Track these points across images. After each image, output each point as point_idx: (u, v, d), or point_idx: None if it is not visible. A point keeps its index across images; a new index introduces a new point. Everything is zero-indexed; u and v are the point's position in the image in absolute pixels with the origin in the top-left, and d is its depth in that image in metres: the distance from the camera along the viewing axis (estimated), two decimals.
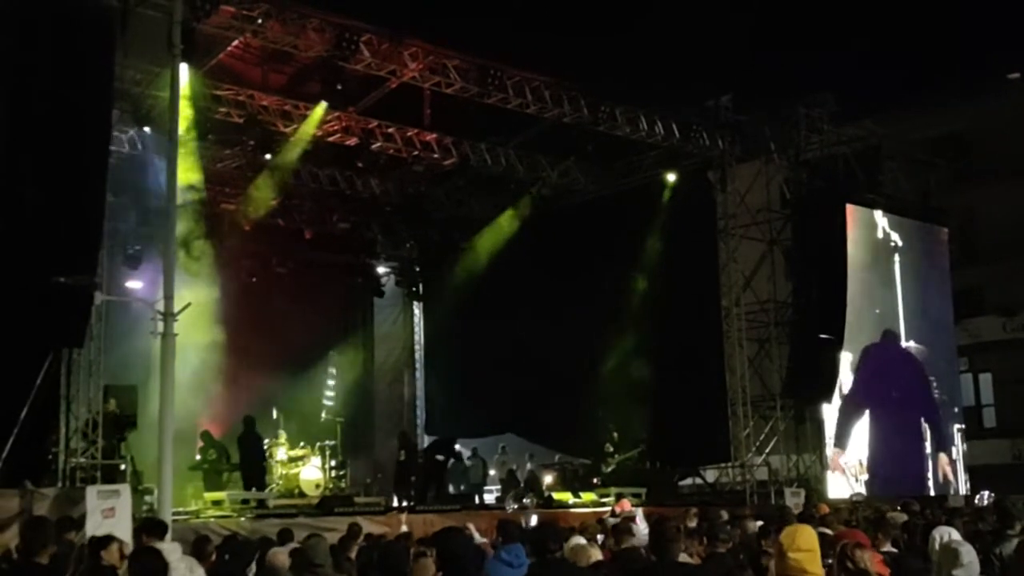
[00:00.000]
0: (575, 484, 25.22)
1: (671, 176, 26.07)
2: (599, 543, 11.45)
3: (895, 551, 11.02)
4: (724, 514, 14.44)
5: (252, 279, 27.35)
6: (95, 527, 13.53)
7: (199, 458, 23.00)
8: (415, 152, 25.13)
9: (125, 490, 15.27)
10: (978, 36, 37.14)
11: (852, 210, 25.66)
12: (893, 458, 26.04)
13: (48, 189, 15.26)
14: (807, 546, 7.79)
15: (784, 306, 25.01)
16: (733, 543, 11.09)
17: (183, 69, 17.59)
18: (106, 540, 9.92)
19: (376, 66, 21.25)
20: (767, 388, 24.94)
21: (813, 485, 24.26)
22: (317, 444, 23.62)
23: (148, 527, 10.86)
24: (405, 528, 16.02)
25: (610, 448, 25.01)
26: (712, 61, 33.59)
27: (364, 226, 29.66)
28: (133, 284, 23.32)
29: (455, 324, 30.23)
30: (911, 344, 27.22)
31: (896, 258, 27.26)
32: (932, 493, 25.84)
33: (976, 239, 33.68)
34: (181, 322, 15.78)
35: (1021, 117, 32.49)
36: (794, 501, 21.82)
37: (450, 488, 25.17)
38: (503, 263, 27.97)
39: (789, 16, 38.35)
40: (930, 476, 26.85)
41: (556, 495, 24.22)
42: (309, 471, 22.74)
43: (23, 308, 15.09)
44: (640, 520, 14.17)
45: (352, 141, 24.32)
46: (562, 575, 8.83)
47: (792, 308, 24.86)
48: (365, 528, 14.75)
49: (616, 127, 23.85)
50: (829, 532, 11.47)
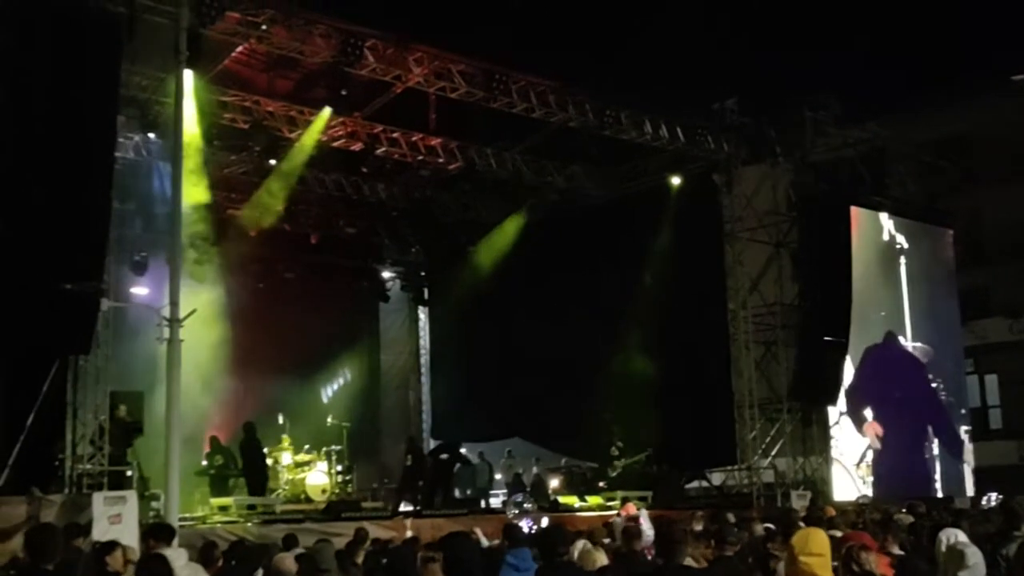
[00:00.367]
0: (581, 488, 25.23)
1: (676, 179, 26.05)
2: (605, 547, 11.46)
3: (903, 553, 10.99)
4: (732, 517, 14.43)
5: (259, 284, 27.38)
6: (102, 533, 13.56)
7: (205, 464, 23.04)
8: (421, 157, 25.16)
9: (132, 496, 15.32)
10: (983, 38, 37.10)
11: (858, 212, 25.67)
12: (898, 460, 26.03)
13: (54, 195, 15.27)
14: (819, 550, 7.76)
15: (790, 308, 24.96)
16: (740, 546, 11.08)
17: (189, 75, 17.66)
18: (111, 546, 9.95)
19: (381, 71, 21.28)
20: (774, 391, 24.89)
21: (819, 487, 24.24)
22: (323, 449, 23.67)
23: (156, 532, 10.88)
24: (411, 533, 16.03)
25: (616, 452, 24.98)
26: (717, 64, 33.58)
27: (370, 231, 29.69)
28: (139, 290, 23.36)
29: (461, 328, 30.25)
30: (917, 345, 27.22)
31: (902, 260, 27.26)
32: (940, 495, 25.83)
33: (982, 241, 33.65)
34: (187, 328, 15.84)
35: None
36: (800, 503, 21.80)
37: (456, 492, 25.16)
38: (509, 267, 27.98)
39: (794, 19, 38.32)
40: (937, 478, 26.86)
41: (562, 499, 24.27)
42: (315, 476, 22.79)
43: (29, 315, 15.09)
44: (644, 522, 14.16)
45: (358, 146, 24.35)
46: None
47: (798, 311, 24.82)
48: (372, 533, 14.74)
49: (621, 131, 23.84)
50: (836, 534, 11.47)
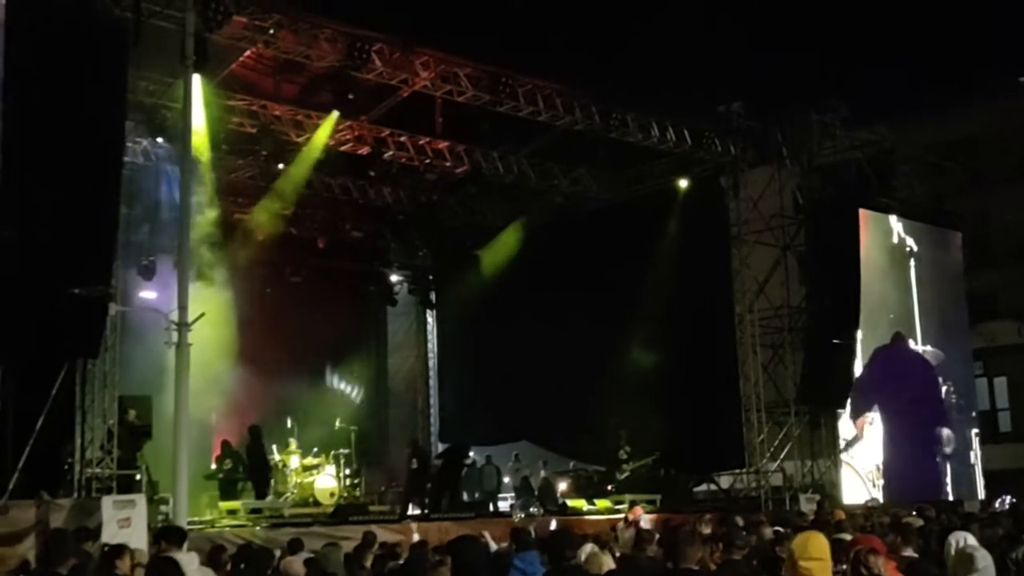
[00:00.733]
0: (589, 491, 25.24)
1: (683, 182, 26.05)
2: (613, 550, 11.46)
3: (916, 556, 10.93)
4: (740, 520, 14.41)
5: (266, 289, 27.42)
6: (111, 537, 13.58)
7: (214, 467, 23.06)
8: (427, 160, 25.18)
9: (140, 500, 15.33)
10: (990, 39, 36.95)
11: (865, 215, 25.65)
12: (908, 463, 25.98)
13: (62, 200, 15.27)
14: (818, 554, 7.76)
15: (798, 312, 24.92)
16: (748, 549, 11.06)
17: (196, 80, 17.68)
18: (119, 549, 9.96)
19: (388, 75, 21.32)
20: (781, 394, 24.86)
21: (828, 491, 24.20)
22: (331, 453, 23.66)
23: (167, 534, 10.90)
24: (417, 536, 16.01)
25: (624, 455, 24.96)
26: (723, 67, 33.49)
27: (377, 235, 29.72)
28: (147, 295, 23.38)
29: (468, 332, 30.26)
30: (927, 349, 27.17)
31: (911, 263, 27.23)
32: (950, 498, 25.78)
33: (990, 243, 33.60)
34: (195, 332, 15.85)
35: None
36: (809, 507, 21.78)
37: (464, 496, 25.15)
38: (516, 271, 28.00)
39: (800, 21, 38.26)
40: (947, 481, 26.80)
41: (570, 502, 24.24)
42: (323, 480, 22.79)
43: (38, 319, 15.10)
44: (644, 525, 14.17)
45: (364, 150, 24.36)
46: None
47: (806, 314, 24.77)
48: (380, 537, 14.74)
49: (628, 134, 23.84)
50: (845, 537, 11.44)
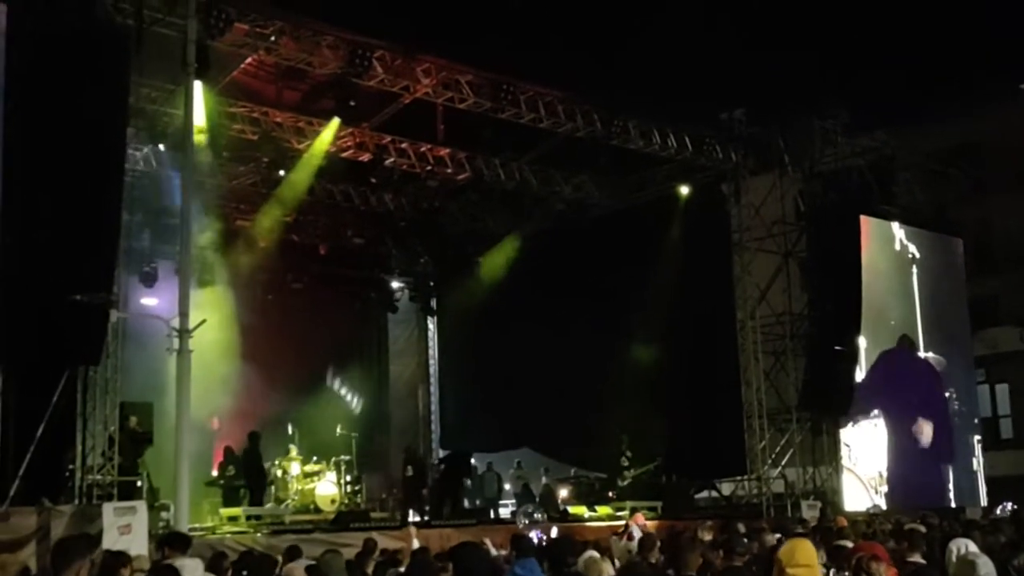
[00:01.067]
0: (591, 498, 25.19)
1: (685, 189, 26.08)
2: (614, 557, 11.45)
3: (924, 563, 10.88)
4: (742, 527, 14.42)
5: (267, 295, 27.42)
6: (111, 544, 13.56)
7: (215, 474, 23.04)
8: (429, 167, 25.18)
9: (141, 507, 15.34)
10: (991, 46, 37.01)
11: (867, 222, 25.64)
12: (911, 470, 25.95)
13: (64, 207, 15.30)
14: (805, 561, 7.81)
15: (800, 318, 24.93)
16: (749, 556, 11.06)
17: (197, 87, 17.70)
18: (121, 557, 9.95)
19: (389, 82, 21.33)
20: (783, 401, 24.85)
21: (829, 497, 24.18)
22: (332, 459, 23.63)
23: (171, 541, 10.90)
24: (417, 543, 15.97)
25: (626, 462, 24.94)
26: (725, 74, 33.55)
27: (378, 241, 29.71)
28: (149, 301, 23.41)
29: (470, 338, 30.23)
30: (929, 355, 27.16)
31: (913, 269, 27.22)
32: (952, 504, 25.76)
33: (991, 249, 33.60)
34: (197, 339, 15.86)
35: None
36: (811, 514, 21.77)
37: (465, 502, 25.15)
38: (517, 277, 27.99)
39: (802, 28, 38.32)
40: (949, 487, 26.77)
41: (571, 509, 24.22)
42: (324, 486, 22.76)
43: (40, 326, 15.12)
44: (636, 532, 14.18)
45: (366, 157, 24.37)
46: None
47: (808, 320, 24.78)
48: (381, 543, 14.72)
49: (629, 141, 23.85)
50: (847, 544, 11.43)
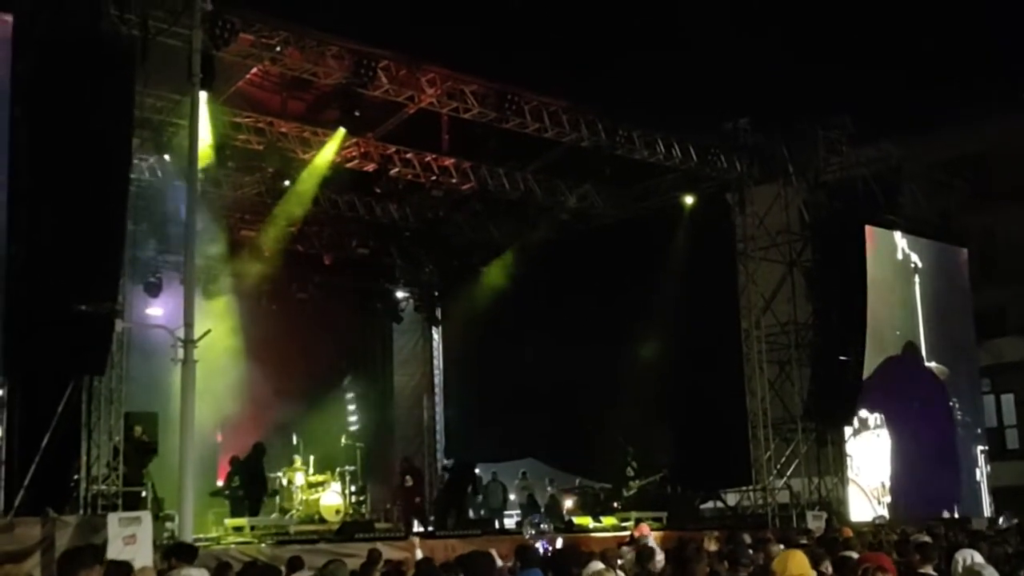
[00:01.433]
0: (596, 508, 25.15)
1: (689, 199, 26.07)
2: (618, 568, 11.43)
3: (934, 575, 10.81)
4: (747, 538, 14.38)
5: (272, 305, 27.44)
6: (116, 554, 13.55)
7: (220, 484, 23.04)
8: (433, 177, 25.18)
9: (146, 517, 15.32)
10: (996, 55, 37.00)
11: (872, 231, 25.63)
12: (916, 480, 25.91)
13: (69, 217, 15.33)
14: (799, 571, 7.84)
15: (804, 328, 24.88)
16: (754, 567, 11.04)
17: (202, 97, 17.71)
18: (125, 567, 9.93)
19: (394, 92, 21.34)
20: (788, 411, 24.80)
21: (835, 508, 24.12)
22: (337, 470, 23.61)
23: (178, 551, 10.92)
24: (421, 553, 15.96)
25: (631, 472, 24.92)
26: (729, 83, 33.54)
27: (383, 251, 29.71)
28: (153, 311, 23.43)
29: (474, 348, 30.20)
30: (933, 365, 27.12)
31: (916, 279, 27.20)
32: (956, 515, 25.70)
33: (996, 259, 33.57)
34: (201, 349, 15.85)
35: None
36: (816, 524, 21.70)
37: (470, 513, 25.12)
38: (521, 287, 27.96)
39: (806, 38, 38.32)
40: (954, 498, 26.71)
41: (576, 520, 24.17)
42: (329, 497, 22.73)
43: (45, 335, 15.14)
44: (651, 544, 14.13)
45: (371, 167, 24.38)
46: None
47: (812, 330, 24.74)
48: (385, 554, 14.72)
49: (634, 151, 23.84)
50: (852, 555, 11.41)
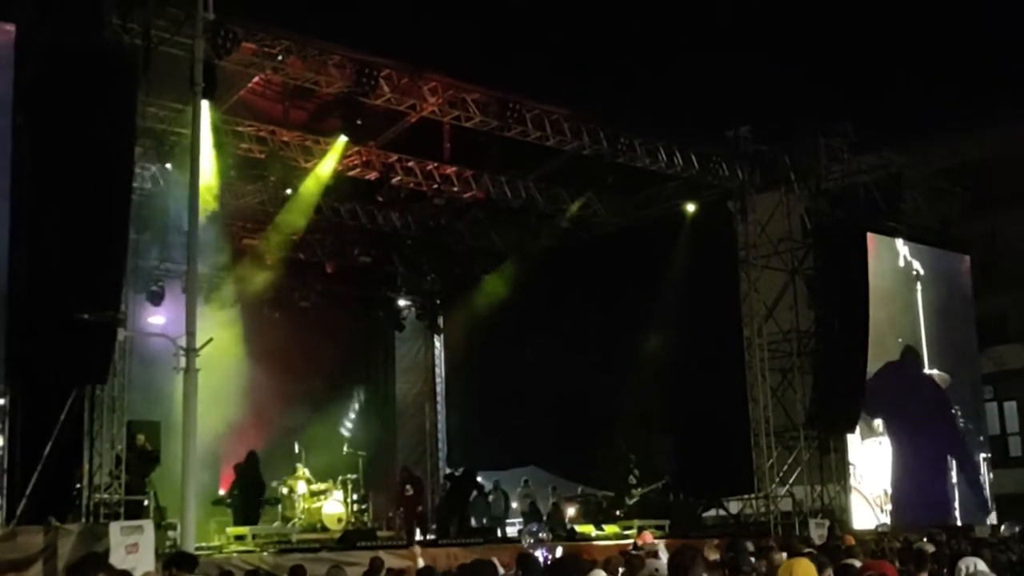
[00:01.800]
0: (598, 517, 25.12)
1: (691, 207, 26.08)
2: None
3: None
4: (750, 545, 14.34)
5: (274, 314, 27.45)
6: (118, 563, 13.50)
7: (223, 493, 23.03)
8: (435, 185, 25.20)
9: (148, 526, 15.30)
10: (997, 62, 37.10)
11: (873, 239, 25.62)
12: (918, 488, 25.87)
13: (71, 226, 15.35)
14: None
15: (807, 336, 24.88)
16: (756, 575, 11.00)
17: (205, 106, 17.72)
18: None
19: (396, 101, 21.38)
20: (790, 418, 24.79)
21: (838, 516, 24.09)
22: (339, 478, 23.62)
23: (178, 561, 10.87)
24: (422, 562, 15.92)
25: (633, 480, 24.89)
26: (731, 91, 33.63)
27: (385, 260, 29.70)
28: (156, 320, 23.44)
29: (476, 356, 30.20)
30: (935, 373, 27.09)
31: (918, 286, 27.19)
32: (959, 523, 25.65)
33: (998, 266, 33.53)
34: (203, 357, 15.85)
35: None
36: (819, 532, 21.66)
37: (472, 521, 25.08)
38: (523, 295, 27.96)
39: (807, 46, 38.43)
40: (956, 505, 26.67)
41: (579, 528, 24.14)
42: (331, 505, 22.74)
43: (47, 344, 15.16)
44: (663, 552, 14.09)
45: (373, 175, 24.41)
46: None
47: (815, 338, 24.73)
48: (387, 562, 14.70)
49: (635, 159, 23.86)
50: (855, 564, 11.38)
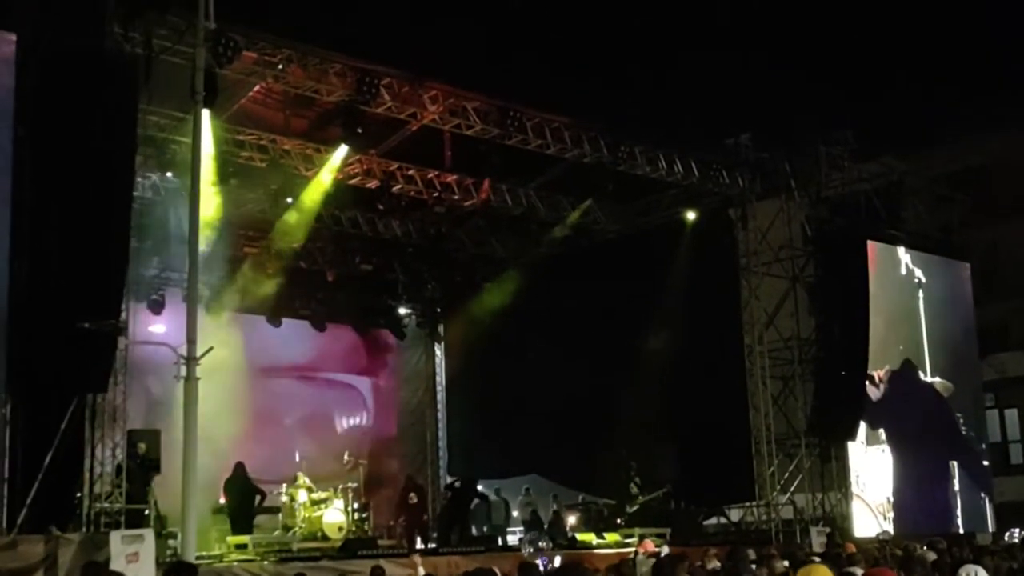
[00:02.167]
0: (599, 525, 25.08)
1: (691, 214, 26.09)
2: None
3: None
4: (751, 553, 14.33)
5: (276, 322, 27.45)
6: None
7: (223, 501, 22.98)
8: (436, 194, 25.22)
9: (149, 535, 15.29)
10: (998, 69, 37.10)
11: (874, 247, 25.63)
12: (919, 495, 25.84)
13: (72, 234, 15.36)
14: None
15: (808, 343, 24.85)
16: None
17: (205, 115, 17.70)
18: None
19: (397, 109, 21.38)
20: (791, 426, 24.76)
21: (839, 523, 24.06)
22: (340, 486, 23.59)
23: (178, 569, 10.86)
24: (423, 570, 15.90)
25: (634, 488, 24.87)
26: (731, 99, 33.63)
27: (386, 268, 29.70)
28: (156, 329, 23.43)
29: (477, 364, 30.17)
30: (936, 380, 27.06)
31: (920, 294, 27.17)
32: (961, 530, 25.62)
33: (999, 274, 33.52)
34: (204, 366, 15.83)
35: None
36: (820, 540, 21.66)
37: (473, 530, 25.06)
38: (524, 303, 27.95)
39: (808, 53, 38.42)
40: (958, 513, 26.63)
41: (580, 536, 24.13)
42: (332, 514, 22.70)
43: (47, 353, 15.14)
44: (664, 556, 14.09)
45: (373, 183, 24.40)
46: None
47: (816, 345, 24.72)
48: (388, 571, 14.70)
49: (636, 166, 23.88)
50: (857, 572, 11.39)
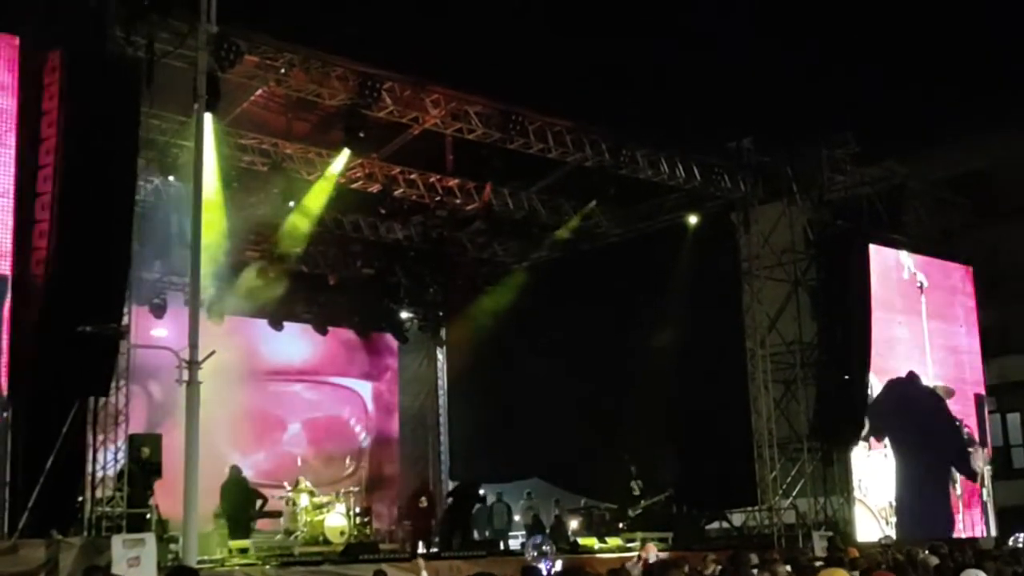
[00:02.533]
0: (601, 529, 25.08)
1: (693, 218, 26.09)
2: None
3: None
4: (754, 558, 14.31)
5: (278, 325, 27.45)
6: None
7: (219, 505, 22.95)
8: (438, 197, 25.23)
9: (150, 539, 15.27)
10: (1000, 72, 37.06)
11: (876, 250, 25.62)
12: (921, 500, 25.80)
13: (74, 238, 15.36)
14: None
15: (810, 347, 24.85)
16: None
17: (208, 118, 17.72)
18: None
19: (399, 113, 21.41)
20: (794, 430, 24.75)
21: (841, 528, 24.03)
22: (342, 491, 23.58)
23: (179, 574, 10.86)
24: (426, 574, 15.91)
25: (637, 492, 24.85)
26: (733, 103, 33.64)
27: (388, 271, 29.69)
28: (158, 332, 23.42)
29: (479, 368, 30.16)
30: (938, 384, 27.03)
31: (922, 298, 27.14)
32: (963, 535, 25.58)
33: (1000, 277, 33.42)
34: (206, 370, 15.83)
35: None
36: (822, 544, 21.64)
37: (475, 534, 25.03)
38: (526, 307, 27.96)
39: (809, 57, 38.46)
40: (960, 518, 26.59)
41: (582, 540, 24.09)
42: (334, 518, 22.69)
43: (49, 356, 15.14)
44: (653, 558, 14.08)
45: (375, 187, 24.42)
46: None
47: (818, 349, 24.70)
48: (390, 575, 14.68)
49: (638, 170, 23.88)
50: None
